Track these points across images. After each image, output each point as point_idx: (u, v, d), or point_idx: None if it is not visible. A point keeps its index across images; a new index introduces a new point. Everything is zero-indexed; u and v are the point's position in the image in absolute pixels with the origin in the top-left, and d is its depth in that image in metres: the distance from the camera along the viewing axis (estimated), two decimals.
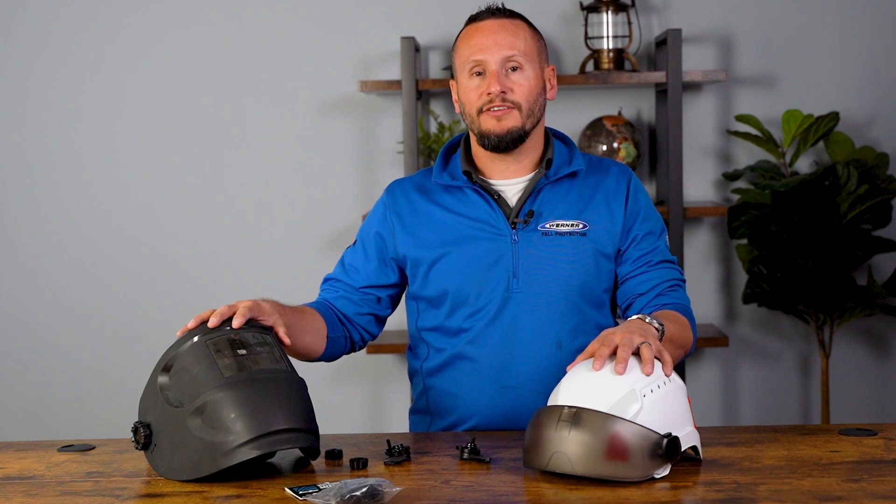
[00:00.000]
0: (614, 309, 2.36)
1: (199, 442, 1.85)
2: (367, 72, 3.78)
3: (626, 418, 1.80)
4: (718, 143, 3.78)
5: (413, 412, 2.40)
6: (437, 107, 3.79)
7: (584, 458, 1.78)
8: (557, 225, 2.25)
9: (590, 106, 3.75)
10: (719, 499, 1.73)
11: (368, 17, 3.78)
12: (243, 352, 1.93)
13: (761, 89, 3.75)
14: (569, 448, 1.79)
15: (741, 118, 3.62)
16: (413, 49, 3.53)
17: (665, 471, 1.82)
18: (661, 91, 3.62)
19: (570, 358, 2.16)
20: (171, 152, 3.84)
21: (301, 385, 1.95)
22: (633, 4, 3.67)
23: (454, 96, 2.31)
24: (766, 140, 3.60)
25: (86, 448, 2.11)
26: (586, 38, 3.64)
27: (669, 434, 1.81)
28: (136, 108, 3.84)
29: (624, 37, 3.64)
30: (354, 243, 2.38)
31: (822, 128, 3.58)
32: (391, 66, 3.77)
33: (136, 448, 1.93)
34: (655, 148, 3.74)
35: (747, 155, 3.77)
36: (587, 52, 3.70)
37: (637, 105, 3.79)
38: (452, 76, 2.31)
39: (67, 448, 2.11)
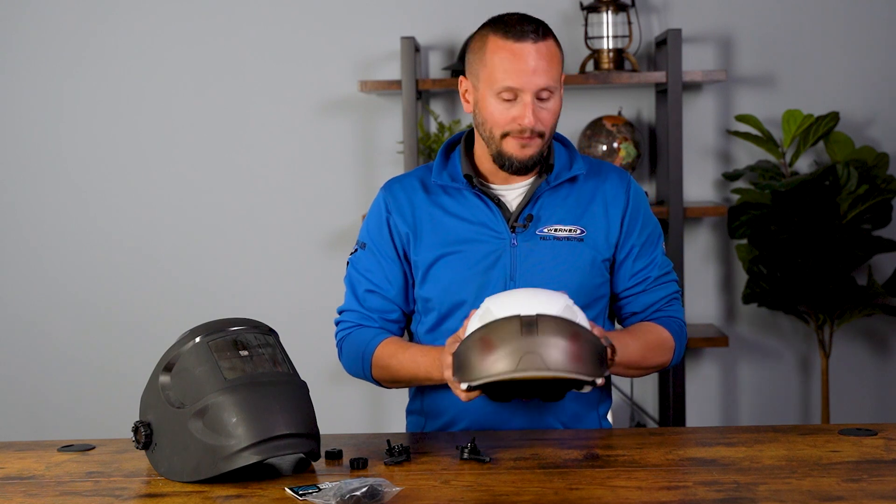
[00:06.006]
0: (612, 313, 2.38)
1: (200, 445, 1.85)
2: (367, 72, 3.78)
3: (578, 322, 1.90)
4: (718, 143, 3.78)
5: (409, 412, 2.41)
6: (437, 107, 3.79)
7: (555, 358, 1.83)
8: (556, 230, 2.25)
9: (590, 106, 3.75)
10: (719, 499, 1.73)
11: (368, 17, 3.78)
12: (245, 353, 1.93)
13: (761, 89, 3.75)
14: (540, 349, 1.83)
15: (741, 118, 3.62)
16: (413, 49, 3.53)
17: (601, 379, 1.89)
18: (661, 91, 3.62)
19: None
20: (172, 153, 3.84)
21: (303, 388, 1.96)
22: (633, 4, 3.67)
23: (463, 94, 2.26)
24: (766, 140, 3.60)
25: (86, 448, 2.11)
26: (586, 38, 3.64)
27: (608, 339, 1.97)
28: (136, 107, 3.84)
29: (624, 37, 3.64)
30: (362, 248, 2.34)
31: (822, 128, 3.58)
32: (391, 66, 3.77)
33: (137, 447, 1.93)
34: (655, 148, 3.74)
35: (747, 155, 3.76)
36: (587, 52, 3.70)
37: (637, 105, 3.79)
38: (464, 74, 2.25)
39: (67, 448, 2.11)
